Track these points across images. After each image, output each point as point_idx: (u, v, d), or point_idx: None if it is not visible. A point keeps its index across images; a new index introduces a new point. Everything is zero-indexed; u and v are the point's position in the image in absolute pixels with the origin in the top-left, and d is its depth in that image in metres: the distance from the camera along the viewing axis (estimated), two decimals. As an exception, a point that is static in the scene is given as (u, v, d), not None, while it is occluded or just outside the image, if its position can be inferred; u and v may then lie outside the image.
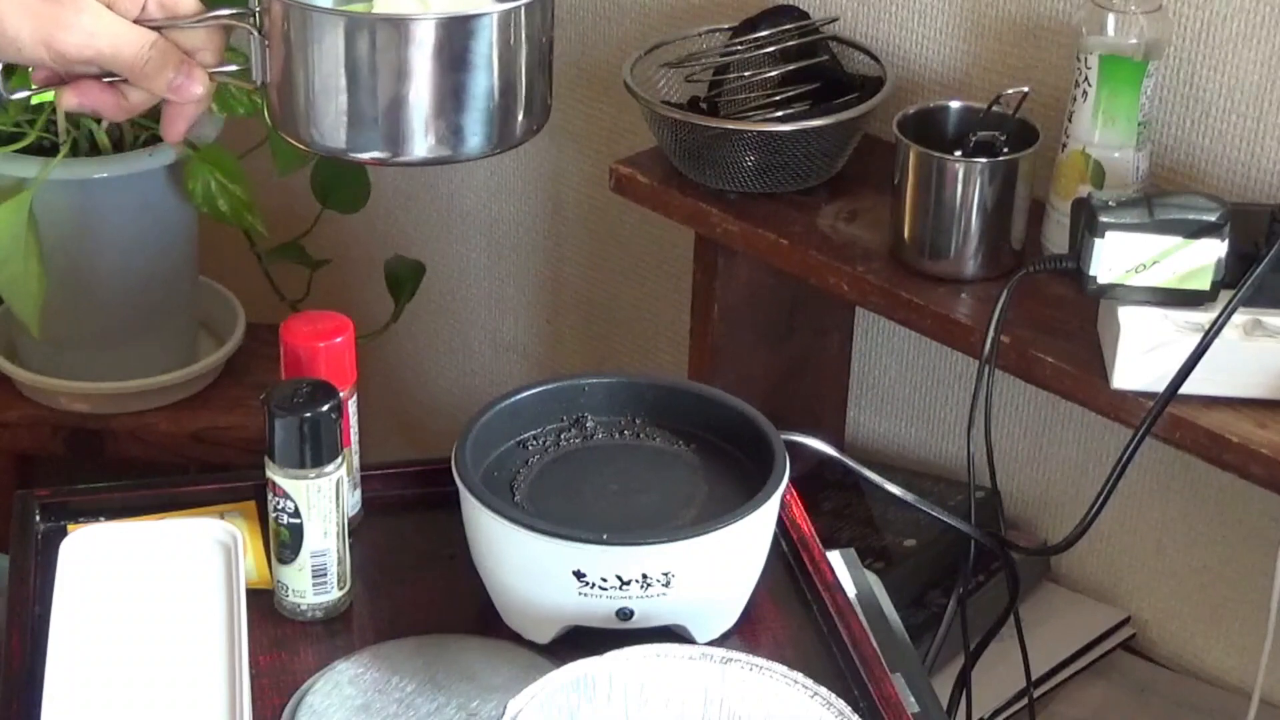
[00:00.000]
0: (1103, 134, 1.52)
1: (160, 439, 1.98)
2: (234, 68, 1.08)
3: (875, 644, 1.14)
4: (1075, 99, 1.53)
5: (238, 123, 1.85)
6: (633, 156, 1.76)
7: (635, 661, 1.00)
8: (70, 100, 1.07)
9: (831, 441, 1.35)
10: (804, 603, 1.18)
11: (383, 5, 1.11)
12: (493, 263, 2.26)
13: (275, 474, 1.12)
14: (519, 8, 1.06)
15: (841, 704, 0.98)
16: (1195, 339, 1.35)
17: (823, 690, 0.99)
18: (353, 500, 1.22)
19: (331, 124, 1.07)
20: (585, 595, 1.09)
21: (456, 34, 1.05)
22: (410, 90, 1.05)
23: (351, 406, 1.19)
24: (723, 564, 1.11)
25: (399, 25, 1.05)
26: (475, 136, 1.08)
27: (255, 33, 1.07)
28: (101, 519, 1.20)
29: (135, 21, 1.04)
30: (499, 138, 1.09)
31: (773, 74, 1.68)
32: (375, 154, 1.08)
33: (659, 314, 2.10)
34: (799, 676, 1.00)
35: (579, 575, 1.08)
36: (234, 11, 1.07)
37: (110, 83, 1.06)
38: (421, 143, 1.07)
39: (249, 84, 1.08)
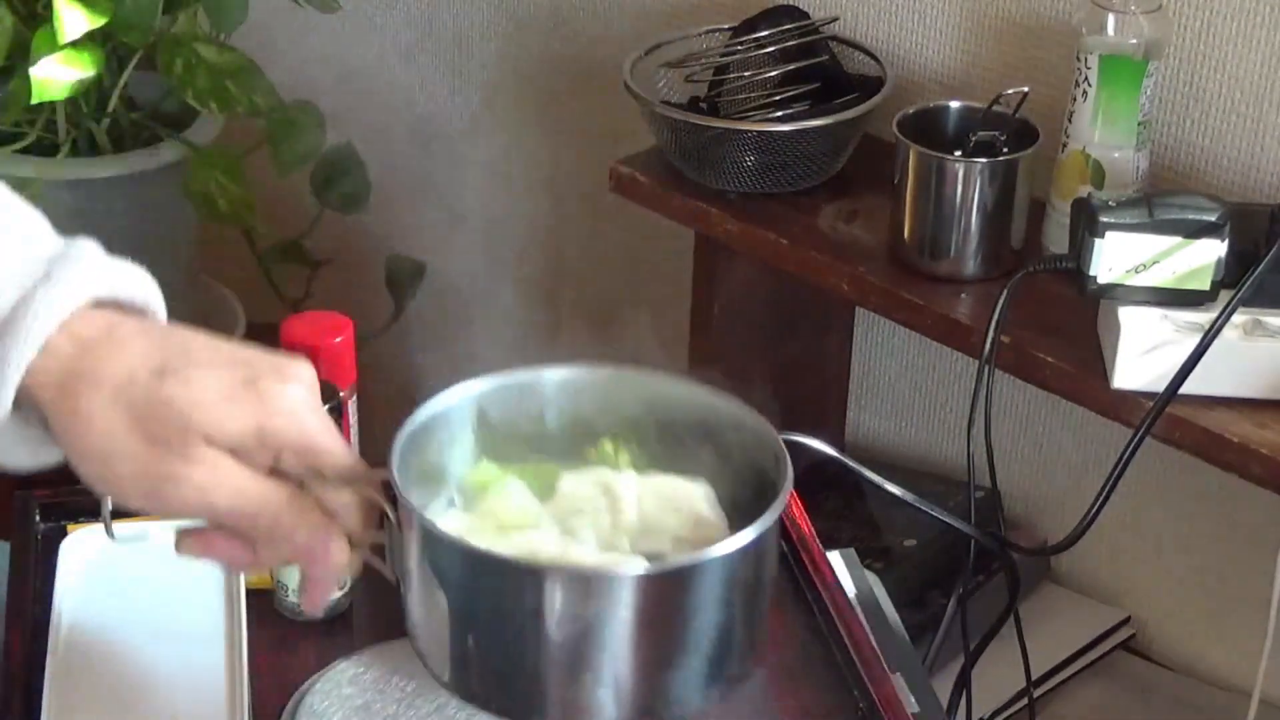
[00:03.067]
0: (1103, 134, 1.52)
1: (160, 439, 1.98)
2: (384, 542, 0.87)
3: (875, 644, 1.14)
4: (1075, 99, 1.53)
5: (238, 123, 1.85)
6: (633, 156, 1.76)
7: None
8: (191, 548, 0.89)
9: (831, 441, 1.35)
10: (804, 603, 1.18)
11: (562, 505, 0.90)
12: (493, 263, 2.26)
13: (275, 474, 1.12)
14: (751, 544, 0.83)
15: None
16: (1195, 339, 1.35)
17: None
18: (353, 500, 1.22)
19: (486, 681, 0.86)
20: (585, 596, 1.08)
21: (663, 589, 0.82)
22: (596, 655, 0.83)
23: (351, 406, 1.19)
24: (723, 564, 1.10)
25: (597, 581, 0.81)
26: (675, 702, 0.85)
27: (390, 517, 0.85)
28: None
29: (270, 473, 0.85)
30: (704, 698, 0.87)
31: (773, 74, 1.68)
32: None
33: (659, 314, 2.10)
34: None
35: (579, 576, 1.08)
36: (380, 480, 0.86)
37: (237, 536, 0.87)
38: (606, 714, 0.84)
39: (391, 575, 0.88)
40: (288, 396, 0.84)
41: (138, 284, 0.88)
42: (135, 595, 1.06)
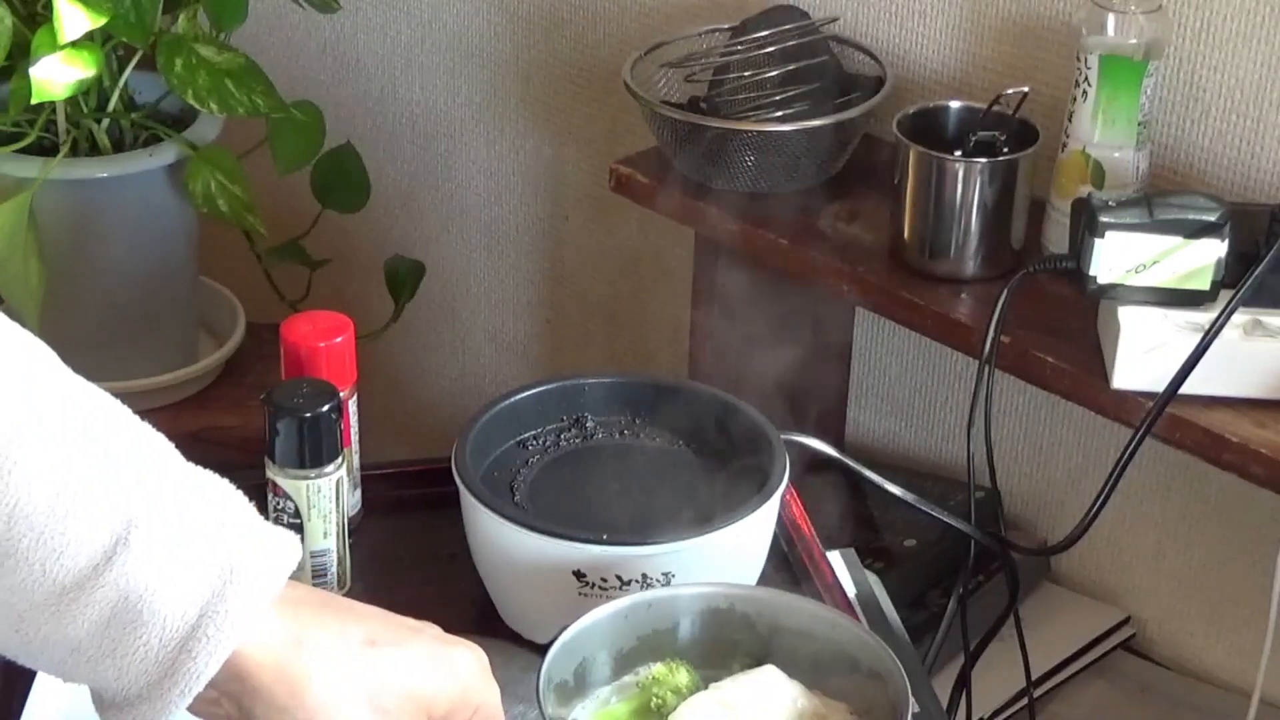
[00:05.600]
0: (1103, 134, 1.52)
1: (160, 439, 1.98)
2: None
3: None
4: (1075, 99, 1.53)
5: (238, 123, 1.85)
6: (633, 156, 1.76)
7: None
8: None
9: (831, 441, 1.35)
10: (804, 603, 1.18)
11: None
12: (493, 263, 2.26)
13: (275, 474, 1.12)
14: None
15: None
16: (1195, 339, 1.35)
17: None
18: (353, 500, 1.22)
19: None
20: (585, 595, 1.09)
21: None
22: None
23: (351, 406, 1.19)
24: (723, 564, 1.11)
25: None
26: None
27: None
28: (101, 519, 1.20)
29: None
30: None
31: (773, 74, 1.68)
32: None
33: (659, 314, 2.10)
34: None
35: (579, 575, 1.08)
36: None
37: None
38: None
39: None
40: (477, 665, 0.89)
41: (296, 545, 0.88)
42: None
